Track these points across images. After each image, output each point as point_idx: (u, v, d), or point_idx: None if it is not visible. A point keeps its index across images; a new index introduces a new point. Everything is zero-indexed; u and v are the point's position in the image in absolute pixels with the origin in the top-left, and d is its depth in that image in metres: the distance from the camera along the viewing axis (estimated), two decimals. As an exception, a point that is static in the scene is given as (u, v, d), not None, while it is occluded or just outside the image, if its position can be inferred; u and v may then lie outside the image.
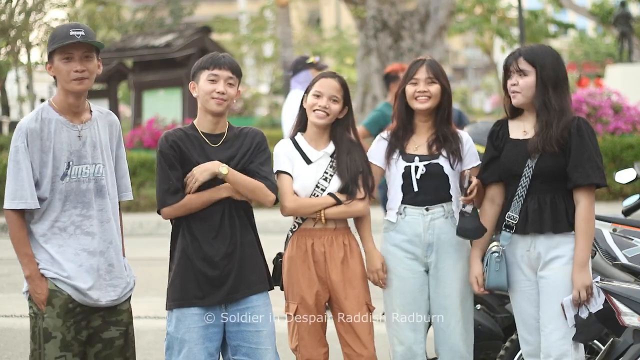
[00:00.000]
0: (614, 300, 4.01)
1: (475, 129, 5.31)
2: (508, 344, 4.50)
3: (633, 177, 5.21)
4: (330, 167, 4.34)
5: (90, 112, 3.90)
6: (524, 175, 4.06)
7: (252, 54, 39.95)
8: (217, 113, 4.06)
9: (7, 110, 27.47)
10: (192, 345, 3.98)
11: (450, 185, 4.32)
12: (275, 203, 4.16)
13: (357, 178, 4.31)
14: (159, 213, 4.06)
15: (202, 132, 4.09)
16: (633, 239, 4.49)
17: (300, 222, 4.35)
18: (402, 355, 4.31)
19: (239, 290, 4.03)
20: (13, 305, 7.70)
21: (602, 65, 33.40)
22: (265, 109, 33.26)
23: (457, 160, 4.32)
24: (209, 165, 3.98)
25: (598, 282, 4.06)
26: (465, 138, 4.42)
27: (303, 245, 4.32)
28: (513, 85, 4.10)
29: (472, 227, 4.18)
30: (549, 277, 4.03)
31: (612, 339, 4.16)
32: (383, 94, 15.23)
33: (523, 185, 4.07)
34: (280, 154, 4.36)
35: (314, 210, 4.28)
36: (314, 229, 4.32)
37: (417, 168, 4.30)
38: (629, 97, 14.29)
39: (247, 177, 4.03)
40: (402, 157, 4.35)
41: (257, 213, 4.10)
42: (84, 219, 3.82)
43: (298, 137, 4.42)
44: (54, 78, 3.84)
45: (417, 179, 4.29)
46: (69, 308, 3.79)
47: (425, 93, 4.31)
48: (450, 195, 4.33)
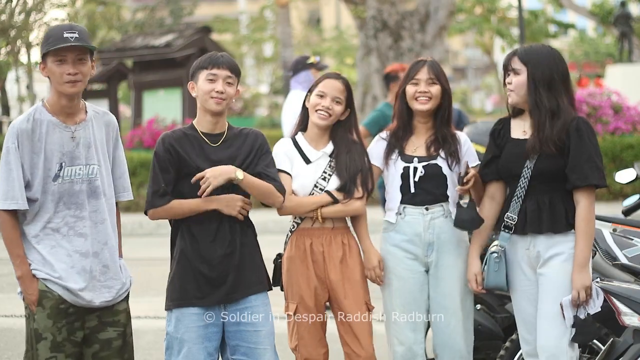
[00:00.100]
0: (614, 300, 4.01)
1: (475, 129, 5.31)
2: (508, 344, 4.50)
3: (633, 177, 5.21)
4: (329, 167, 4.34)
5: (86, 112, 3.86)
6: (523, 176, 4.06)
7: (252, 54, 39.95)
8: (216, 112, 4.06)
9: (7, 110, 27.46)
10: (191, 345, 3.98)
11: (449, 186, 4.32)
12: None
13: (355, 177, 4.31)
14: (146, 214, 4.06)
15: (201, 131, 4.09)
16: (633, 239, 4.49)
17: (299, 221, 4.35)
18: (402, 356, 4.32)
19: (238, 291, 4.03)
20: (13, 305, 7.68)
21: (602, 65, 33.40)
22: (265, 109, 33.26)
23: (455, 162, 4.32)
24: (225, 170, 3.95)
25: (598, 282, 4.06)
26: (464, 139, 4.42)
27: (302, 245, 4.32)
28: (508, 84, 4.12)
29: (468, 217, 4.20)
30: (548, 274, 4.03)
31: (612, 339, 4.16)
32: (383, 94, 15.22)
33: (522, 186, 4.07)
34: (280, 153, 4.36)
35: (311, 209, 4.28)
36: (313, 229, 4.32)
37: (415, 169, 4.30)
38: (629, 97, 14.29)
39: (260, 180, 4.02)
40: (400, 157, 4.35)
41: (257, 213, 4.09)
42: (77, 220, 3.79)
43: (298, 136, 4.42)
44: (48, 78, 3.80)
45: (415, 181, 4.29)
46: (60, 309, 3.77)
47: (426, 94, 4.31)
48: (449, 195, 4.33)
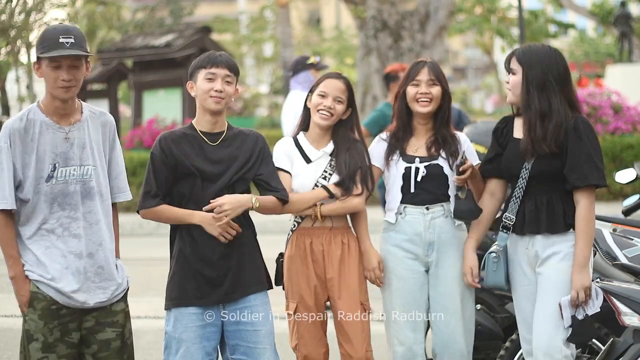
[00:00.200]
0: (614, 300, 4.01)
1: (475, 129, 5.31)
2: (508, 344, 4.50)
3: (633, 177, 5.21)
4: (330, 166, 4.34)
5: (81, 112, 3.84)
6: (521, 177, 4.06)
7: (252, 54, 39.96)
8: (215, 111, 4.06)
9: (7, 110, 27.42)
10: (189, 345, 3.98)
11: (450, 186, 4.33)
12: None
13: (354, 174, 4.30)
14: (138, 212, 4.08)
15: (200, 131, 4.09)
16: (633, 239, 4.49)
17: (300, 221, 4.35)
18: (402, 356, 4.31)
19: (237, 290, 4.03)
20: (13, 305, 7.63)
21: (602, 65, 33.40)
22: (265, 109, 33.25)
23: (455, 162, 4.32)
24: (243, 201, 3.97)
25: (598, 282, 4.06)
26: (463, 139, 4.42)
27: (302, 244, 4.33)
28: (506, 84, 4.12)
29: (467, 208, 4.22)
30: (545, 273, 4.03)
31: (612, 339, 4.16)
32: (383, 94, 15.22)
33: (520, 186, 4.07)
34: (280, 152, 4.37)
35: (308, 205, 4.28)
36: (313, 228, 4.32)
37: (417, 169, 4.31)
38: (629, 97, 14.28)
39: (268, 198, 4.08)
40: (402, 158, 4.35)
41: (257, 213, 4.08)
42: (72, 221, 3.76)
43: (300, 136, 4.43)
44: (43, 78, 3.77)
45: (417, 181, 4.30)
46: (51, 310, 3.75)
47: (427, 95, 4.31)
48: (450, 195, 4.34)
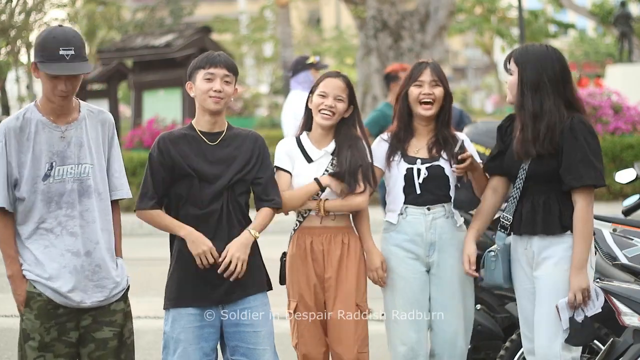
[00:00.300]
0: (614, 300, 4.00)
1: (475, 129, 5.30)
2: (508, 344, 4.50)
3: (633, 177, 5.21)
4: (331, 165, 4.34)
5: (79, 111, 3.82)
6: (519, 177, 4.06)
7: (252, 54, 39.94)
8: (215, 111, 4.06)
9: (7, 110, 27.39)
10: (187, 345, 3.98)
11: (451, 187, 4.33)
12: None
13: (356, 172, 4.30)
14: (135, 211, 4.10)
15: (199, 131, 4.10)
16: (633, 239, 4.49)
17: (302, 220, 4.35)
18: (404, 356, 4.30)
19: (236, 291, 4.02)
20: (13, 305, 7.62)
21: (602, 65, 33.39)
22: (265, 109, 33.24)
23: (454, 150, 4.32)
24: (245, 242, 3.98)
25: (598, 282, 4.05)
26: (463, 138, 4.42)
27: (303, 244, 4.33)
28: (506, 83, 4.13)
29: (466, 198, 4.27)
30: (540, 277, 4.02)
31: (612, 339, 4.16)
32: (383, 94, 15.22)
33: (517, 187, 4.07)
34: (281, 152, 4.38)
35: (301, 200, 4.28)
36: (314, 228, 4.33)
37: (419, 171, 4.31)
38: (629, 97, 14.28)
39: (264, 219, 4.09)
40: (403, 159, 4.35)
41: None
42: (69, 219, 3.76)
43: (303, 136, 4.44)
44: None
45: (419, 183, 4.30)
46: (48, 309, 3.75)
47: (430, 95, 4.32)
48: (451, 197, 4.34)
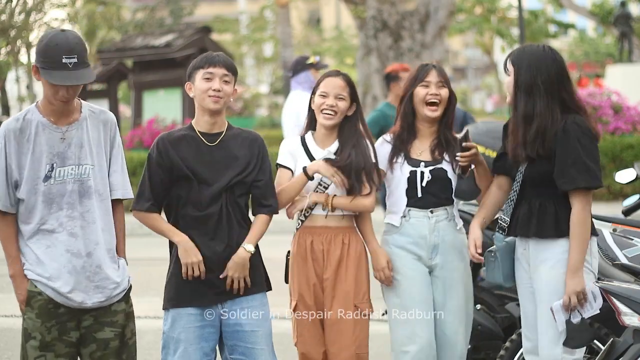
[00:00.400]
0: (614, 300, 4.00)
1: (476, 129, 5.30)
2: (508, 344, 4.50)
3: (633, 177, 5.21)
4: (333, 164, 4.34)
5: (80, 112, 3.82)
6: (516, 180, 4.06)
7: (252, 54, 39.94)
8: (214, 111, 4.06)
9: (7, 110, 27.44)
10: (187, 345, 3.98)
11: (453, 189, 4.34)
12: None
13: (360, 173, 4.29)
14: (132, 211, 4.10)
15: (199, 131, 4.09)
16: (633, 239, 4.49)
17: (304, 219, 4.36)
18: (414, 355, 4.24)
19: (235, 291, 4.02)
20: (13, 305, 7.63)
21: (602, 65, 33.41)
22: (265, 109, 33.27)
23: (458, 165, 4.33)
24: (243, 258, 3.99)
25: (598, 282, 4.05)
26: (468, 129, 4.42)
27: (303, 243, 4.33)
28: (505, 83, 4.13)
29: (467, 189, 4.29)
30: (537, 280, 4.01)
31: (612, 339, 4.16)
32: (383, 94, 15.22)
33: (514, 190, 4.06)
34: (285, 151, 4.39)
35: (293, 192, 4.28)
36: (315, 227, 4.33)
37: (422, 174, 4.31)
38: (629, 97, 14.29)
39: (259, 229, 4.08)
40: (407, 161, 4.35)
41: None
42: (70, 220, 3.76)
43: (307, 135, 4.44)
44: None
45: (422, 186, 4.30)
46: (49, 309, 3.76)
47: (437, 96, 4.32)
48: (453, 199, 4.36)
